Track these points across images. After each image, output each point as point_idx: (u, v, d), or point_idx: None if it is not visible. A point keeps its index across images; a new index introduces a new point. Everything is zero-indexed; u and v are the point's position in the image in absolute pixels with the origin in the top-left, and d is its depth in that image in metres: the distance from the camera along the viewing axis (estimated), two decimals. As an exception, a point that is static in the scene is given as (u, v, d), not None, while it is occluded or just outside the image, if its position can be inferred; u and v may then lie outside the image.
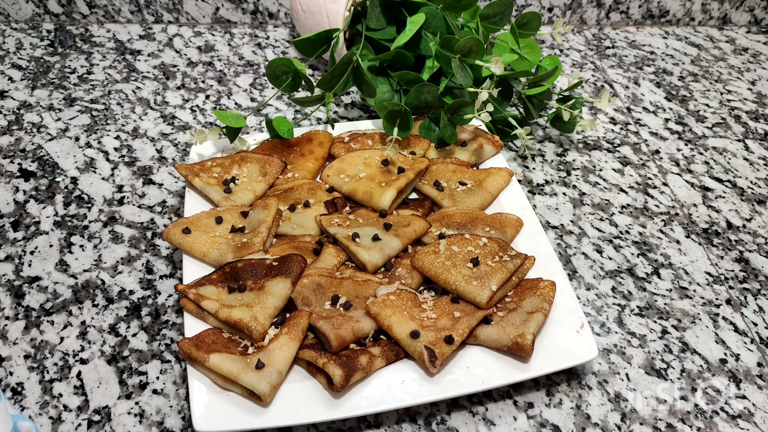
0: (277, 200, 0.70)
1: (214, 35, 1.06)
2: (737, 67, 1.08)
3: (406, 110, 0.75)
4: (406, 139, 0.79)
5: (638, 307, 0.68)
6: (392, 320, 0.59)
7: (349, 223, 0.68)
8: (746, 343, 0.66)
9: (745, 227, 0.79)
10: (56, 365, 0.60)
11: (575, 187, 0.82)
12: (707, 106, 0.99)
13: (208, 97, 0.93)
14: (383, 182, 0.73)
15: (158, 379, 0.59)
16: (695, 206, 0.81)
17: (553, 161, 0.86)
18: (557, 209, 0.79)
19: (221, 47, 1.03)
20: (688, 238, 0.77)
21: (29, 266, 0.69)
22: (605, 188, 0.83)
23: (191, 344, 0.56)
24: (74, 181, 0.79)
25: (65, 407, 0.57)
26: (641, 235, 0.77)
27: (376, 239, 0.66)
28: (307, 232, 0.70)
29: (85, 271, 0.69)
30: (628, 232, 0.77)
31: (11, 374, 0.59)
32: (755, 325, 0.68)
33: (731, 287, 0.72)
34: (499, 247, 0.66)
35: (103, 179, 0.79)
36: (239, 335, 0.59)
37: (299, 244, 0.68)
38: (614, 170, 0.85)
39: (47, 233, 0.73)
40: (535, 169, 0.84)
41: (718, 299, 0.70)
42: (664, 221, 0.79)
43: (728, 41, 1.14)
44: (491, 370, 0.58)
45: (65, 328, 0.63)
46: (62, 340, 0.62)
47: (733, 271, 0.73)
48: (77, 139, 0.85)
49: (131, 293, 0.67)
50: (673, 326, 0.67)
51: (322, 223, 0.69)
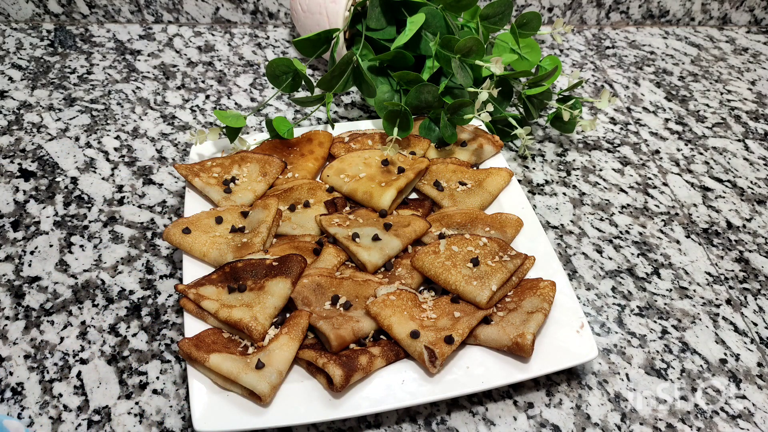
0: (277, 200, 0.70)
1: (214, 35, 1.06)
2: (737, 67, 1.08)
3: (406, 110, 0.75)
4: (406, 139, 0.79)
5: (638, 307, 0.68)
6: (392, 320, 0.59)
7: (349, 223, 0.68)
8: (746, 343, 0.66)
9: (745, 227, 0.79)
10: (56, 365, 0.60)
11: (575, 187, 0.82)
12: (707, 106, 0.99)
13: (208, 97, 0.93)
14: (383, 182, 0.73)
15: (158, 379, 0.59)
16: (695, 206, 0.81)
17: (553, 161, 0.86)
18: (557, 209, 0.79)
19: (221, 47, 1.03)
20: (688, 238, 0.77)
21: (29, 266, 0.69)
22: (605, 188, 0.83)
23: (191, 344, 0.56)
24: (74, 181, 0.79)
25: (65, 407, 0.57)
26: (641, 235, 0.77)
27: (376, 239, 0.66)
28: (307, 232, 0.70)
29: (85, 271, 0.69)
30: (628, 232, 0.77)
31: (11, 374, 0.59)
32: (755, 325, 0.68)
33: (731, 287, 0.72)
34: (499, 247, 0.66)
35: (103, 179, 0.79)
36: (239, 335, 0.59)
37: (299, 244, 0.68)
38: (614, 170, 0.85)
39: (47, 233, 0.73)
40: (535, 169, 0.84)
41: (718, 299, 0.70)
42: (664, 221, 0.79)
43: (728, 41, 1.14)
44: (491, 370, 0.58)
45: (65, 328, 0.63)
46: (62, 340, 0.62)
47: (733, 271, 0.73)
48: (77, 139, 0.85)
49: (131, 293, 0.67)
50: (673, 326, 0.67)
51: (322, 223, 0.69)
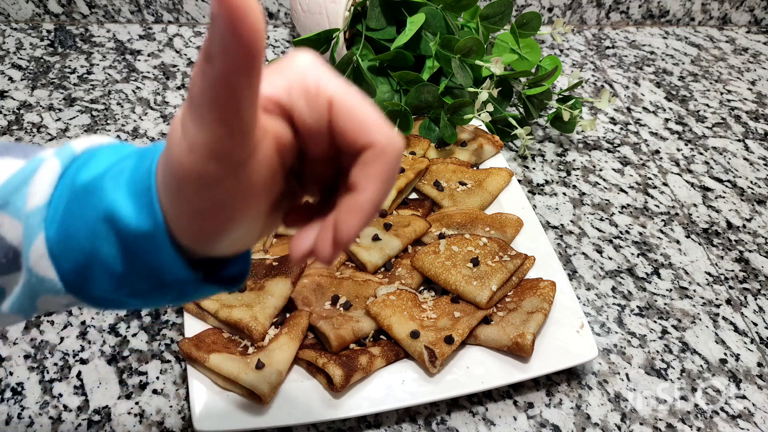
0: (277, 200, 0.70)
1: (214, 35, 1.06)
2: (737, 67, 1.08)
3: (406, 110, 0.75)
4: (406, 139, 0.79)
5: (638, 307, 0.68)
6: (392, 320, 0.59)
7: (349, 223, 0.68)
8: (746, 343, 0.66)
9: (745, 227, 0.79)
10: (56, 365, 0.60)
11: (575, 187, 0.82)
12: (707, 106, 0.99)
13: (208, 97, 0.93)
14: (383, 182, 0.73)
15: (158, 379, 0.59)
16: (695, 206, 0.81)
17: (553, 161, 0.86)
18: (557, 209, 0.79)
19: (221, 47, 1.03)
20: (688, 238, 0.77)
21: (29, 266, 0.69)
22: (605, 188, 0.82)
23: (191, 344, 0.56)
24: (74, 181, 0.79)
25: (65, 407, 0.57)
26: (641, 235, 0.77)
27: (376, 239, 0.66)
28: (307, 232, 0.70)
29: (85, 271, 0.69)
30: (628, 232, 0.77)
31: (11, 374, 0.59)
32: (755, 325, 0.68)
33: (731, 287, 0.72)
34: (499, 247, 0.66)
35: (103, 179, 0.79)
36: (239, 335, 0.59)
37: (299, 244, 0.68)
38: (614, 170, 0.85)
39: (47, 233, 0.73)
40: (535, 169, 0.84)
41: (718, 299, 0.70)
42: (664, 221, 0.79)
43: (728, 41, 1.14)
44: (491, 370, 0.58)
45: (65, 328, 0.63)
46: (62, 340, 0.62)
47: (733, 271, 0.73)
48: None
49: (131, 293, 0.67)
50: (673, 326, 0.67)
51: (322, 223, 0.69)
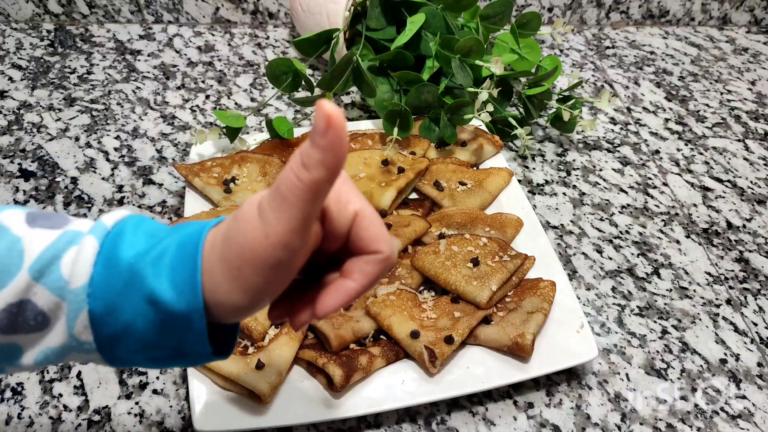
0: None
1: (214, 35, 1.06)
2: (737, 67, 1.08)
3: (406, 110, 0.75)
4: (406, 139, 0.79)
5: (638, 307, 0.68)
6: (392, 320, 0.59)
7: (349, 223, 0.68)
8: (746, 343, 0.66)
9: (745, 227, 0.79)
10: (56, 365, 0.60)
11: (575, 187, 0.82)
12: (707, 106, 0.99)
13: (208, 97, 0.93)
14: (383, 182, 0.73)
15: (158, 379, 0.59)
16: (695, 206, 0.81)
17: (553, 161, 0.86)
18: (557, 209, 0.79)
19: (221, 47, 1.03)
20: (688, 238, 0.77)
21: (29, 266, 0.69)
22: (605, 188, 0.83)
23: (191, 344, 0.56)
24: (74, 181, 0.79)
25: (65, 407, 0.57)
26: (641, 235, 0.77)
27: (376, 239, 0.66)
28: (307, 232, 0.70)
29: (85, 271, 0.69)
30: (628, 232, 0.77)
31: (11, 374, 0.59)
32: (755, 325, 0.68)
33: (731, 287, 0.72)
34: (499, 247, 0.66)
35: (103, 179, 0.79)
36: (239, 335, 0.59)
37: (299, 244, 0.68)
38: (614, 170, 0.85)
39: (47, 233, 0.73)
40: (535, 169, 0.84)
41: (718, 299, 0.70)
42: (664, 221, 0.79)
43: (728, 41, 1.14)
44: (491, 370, 0.58)
45: (65, 328, 0.63)
46: (62, 340, 0.62)
47: (733, 271, 0.73)
48: (77, 139, 0.84)
49: (131, 293, 0.67)
50: (673, 326, 0.67)
51: (322, 223, 0.69)
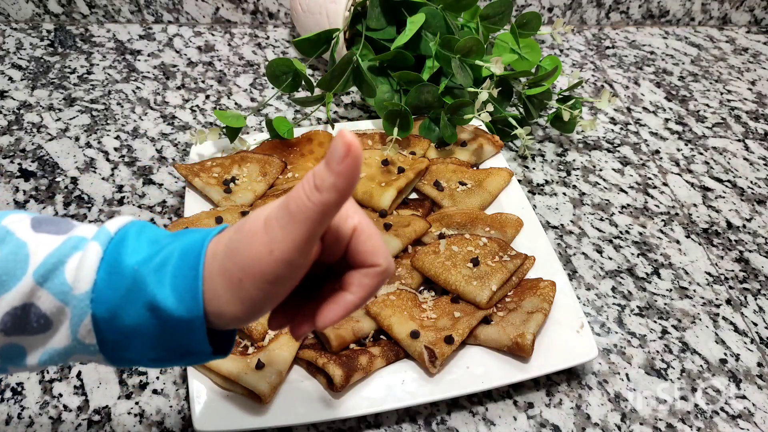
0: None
1: (214, 35, 1.06)
2: (737, 67, 1.08)
3: (406, 110, 0.75)
4: (406, 139, 0.79)
5: (638, 307, 0.68)
6: (392, 320, 0.59)
7: (349, 223, 0.68)
8: (746, 343, 0.66)
9: (745, 227, 0.79)
10: (61, 365, 0.60)
11: (575, 187, 0.82)
12: (707, 106, 0.99)
13: (208, 97, 0.93)
14: (383, 182, 0.73)
15: (158, 379, 0.59)
16: (695, 206, 0.81)
17: (553, 161, 0.86)
18: (557, 209, 0.79)
19: (221, 47, 1.03)
20: (688, 238, 0.77)
21: (29, 266, 0.69)
22: (605, 188, 0.82)
23: (191, 344, 0.56)
24: (74, 181, 0.79)
25: (65, 407, 0.57)
26: (641, 235, 0.77)
27: (376, 239, 0.66)
28: (307, 232, 0.70)
29: (85, 271, 0.69)
30: (628, 232, 0.77)
31: (11, 374, 0.59)
32: (755, 325, 0.68)
33: (731, 287, 0.72)
34: (499, 247, 0.66)
35: (103, 179, 0.79)
36: (239, 335, 0.59)
37: (299, 244, 0.68)
38: (614, 170, 0.85)
39: (47, 233, 0.73)
40: (535, 169, 0.84)
41: (718, 299, 0.70)
42: (664, 221, 0.79)
43: (728, 41, 1.14)
44: (491, 370, 0.58)
45: (65, 328, 0.63)
46: (62, 340, 0.62)
47: (733, 271, 0.73)
48: (77, 139, 0.85)
49: (131, 293, 0.67)
50: (673, 326, 0.67)
51: (322, 223, 0.69)
